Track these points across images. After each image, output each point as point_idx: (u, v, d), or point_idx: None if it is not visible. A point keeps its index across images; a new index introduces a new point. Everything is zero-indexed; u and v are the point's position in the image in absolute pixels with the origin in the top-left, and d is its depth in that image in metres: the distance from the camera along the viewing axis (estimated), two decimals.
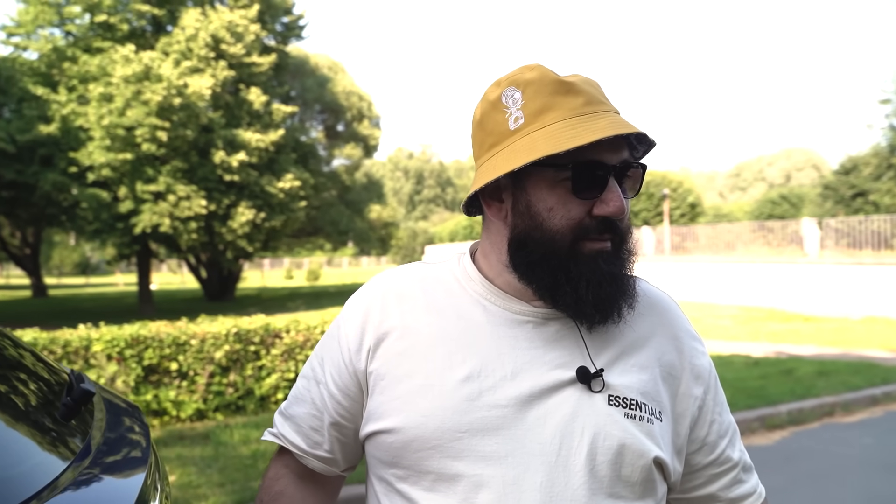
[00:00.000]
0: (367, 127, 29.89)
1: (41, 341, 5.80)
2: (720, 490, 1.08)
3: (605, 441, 0.94)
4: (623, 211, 0.96)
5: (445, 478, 0.95)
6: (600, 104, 0.97)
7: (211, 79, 19.02)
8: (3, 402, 1.22)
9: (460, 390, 0.96)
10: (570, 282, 0.95)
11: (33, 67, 20.28)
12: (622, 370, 0.99)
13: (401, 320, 1.03)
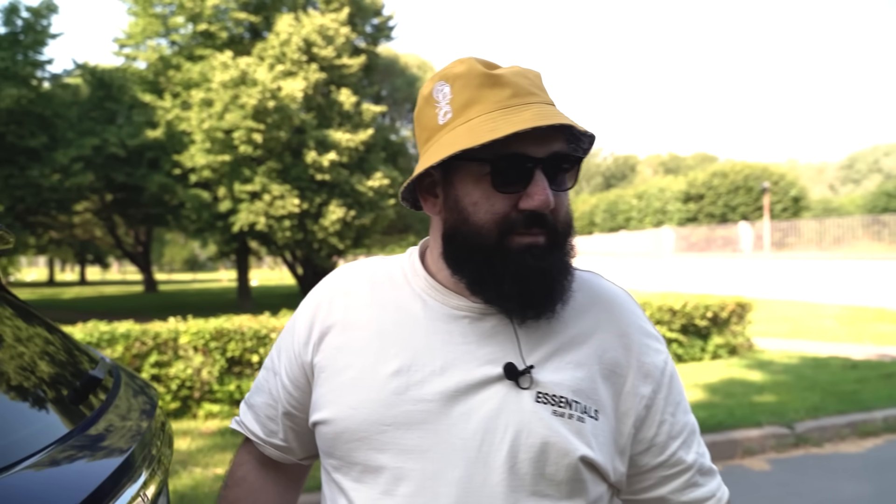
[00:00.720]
0: None
1: (134, 333, 6.18)
2: (672, 493, 1.04)
3: (527, 438, 0.93)
4: (548, 204, 0.93)
5: (370, 469, 0.96)
6: (529, 95, 0.95)
7: (303, 81, 19.65)
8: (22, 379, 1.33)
9: (389, 384, 0.97)
10: (494, 276, 0.94)
11: (142, 76, 21.60)
12: (555, 367, 0.97)
13: (343, 315, 1.05)
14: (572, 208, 1.03)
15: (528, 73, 0.99)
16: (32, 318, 1.79)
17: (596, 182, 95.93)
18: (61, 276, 57.11)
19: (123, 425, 1.39)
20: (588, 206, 39.62)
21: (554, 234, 0.96)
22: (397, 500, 0.94)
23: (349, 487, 0.98)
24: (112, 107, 21.24)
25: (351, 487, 0.98)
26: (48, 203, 19.53)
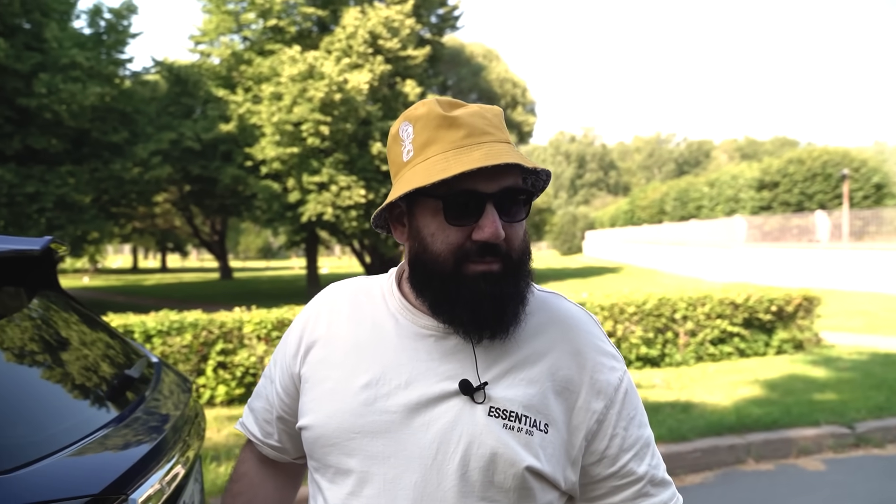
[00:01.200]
0: (521, 113, 29.92)
1: (201, 322, 6.52)
2: (622, 502, 1.11)
3: (478, 449, 1.02)
4: (497, 236, 1.01)
5: (341, 471, 1.08)
6: (482, 135, 1.03)
7: (369, 74, 19.95)
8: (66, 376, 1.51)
9: (359, 395, 1.08)
10: (449, 301, 1.04)
11: (216, 71, 22.37)
12: (508, 384, 1.06)
13: (326, 331, 1.17)
14: (528, 238, 1.12)
15: (486, 113, 1.07)
16: (86, 319, 1.98)
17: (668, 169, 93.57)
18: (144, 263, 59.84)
19: (156, 417, 1.55)
20: (658, 193, 38.78)
21: (508, 261, 1.04)
22: (362, 500, 1.05)
23: (325, 487, 1.11)
24: (188, 102, 22.10)
25: (326, 487, 1.11)
26: (130, 195, 20.52)
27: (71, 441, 1.23)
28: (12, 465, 1.06)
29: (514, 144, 1.10)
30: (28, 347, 1.55)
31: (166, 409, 1.64)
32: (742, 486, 4.62)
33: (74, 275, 39.42)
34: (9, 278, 1.75)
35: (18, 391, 1.34)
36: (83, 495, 1.10)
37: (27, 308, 1.76)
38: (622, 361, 1.17)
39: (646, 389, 6.62)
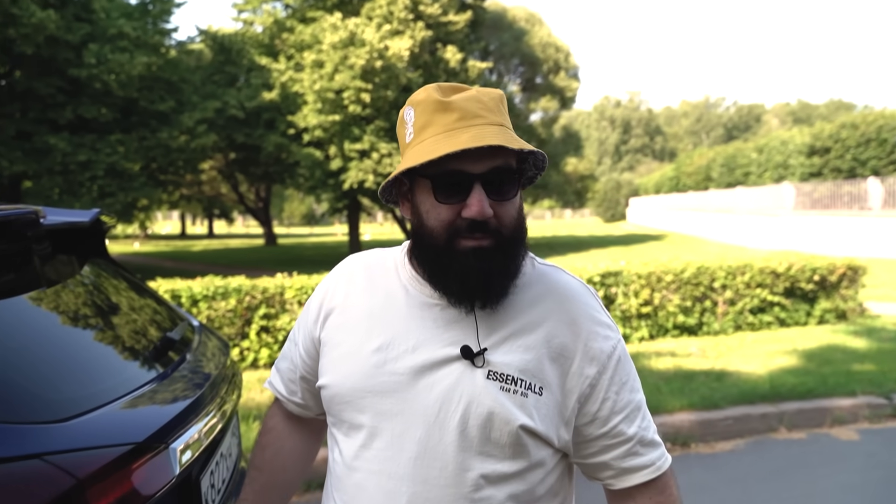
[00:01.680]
0: (564, 78, 29.49)
1: (245, 287, 6.74)
2: (612, 460, 1.20)
3: (477, 408, 1.11)
4: (482, 214, 1.08)
5: (354, 426, 1.19)
6: (474, 118, 1.10)
7: (409, 40, 19.88)
8: (115, 337, 1.65)
9: (371, 358, 1.18)
10: (441, 273, 1.14)
11: (259, 40, 22.56)
12: (507, 350, 1.15)
13: (343, 299, 1.28)
14: (523, 213, 1.19)
15: (483, 97, 1.14)
16: (133, 285, 2.12)
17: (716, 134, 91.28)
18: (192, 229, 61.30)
19: (195, 375, 1.69)
20: (704, 160, 37.97)
21: (499, 238, 1.11)
22: (372, 452, 1.16)
23: (340, 439, 1.23)
24: (232, 70, 22.37)
25: (341, 440, 1.22)
26: (177, 162, 20.97)
27: (118, 396, 1.36)
28: (65, 416, 1.19)
29: (511, 126, 1.16)
30: (80, 311, 1.70)
31: (205, 369, 1.78)
32: (773, 453, 4.65)
33: (125, 240, 40.62)
34: (62, 248, 1.89)
35: (71, 351, 1.48)
36: (127, 443, 1.23)
37: (79, 275, 1.90)
38: (617, 331, 1.24)
39: (681, 358, 6.64)
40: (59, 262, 1.90)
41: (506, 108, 1.18)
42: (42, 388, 1.24)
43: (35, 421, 1.14)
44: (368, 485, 1.16)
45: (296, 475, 1.44)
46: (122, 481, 1.18)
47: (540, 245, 29.37)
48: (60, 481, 1.08)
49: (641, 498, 1.20)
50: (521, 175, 1.17)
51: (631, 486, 1.20)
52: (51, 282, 1.72)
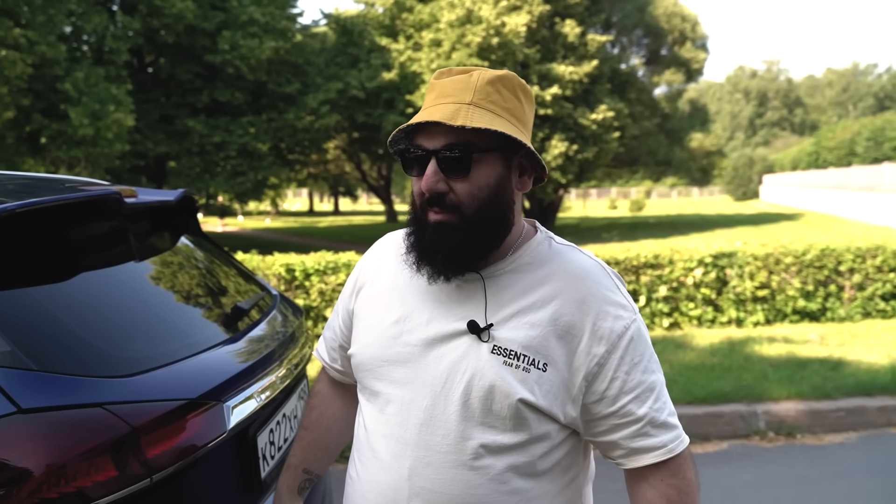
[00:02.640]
0: (690, 49, 28.12)
1: (354, 262, 7.03)
2: (622, 439, 1.20)
3: (479, 381, 1.17)
4: (428, 188, 1.15)
5: (374, 393, 1.28)
6: (445, 97, 1.16)
7: (527, 15, 19.69)
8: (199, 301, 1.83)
9: (389, 330, 1.26)
10: (410, 238, 1.23)
11: (379, 20, 23.08)
12: (513, 326, 1.18)
13: (374, 275, 1.37)
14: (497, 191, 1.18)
15: (472, 78, 1.17)
16: (221, 258, 2.31)
17: (865, 105, 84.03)
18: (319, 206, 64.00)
19: (260, 341, 1.84)
20: (848, 133, 35.21)
21: (459, 214, 1.16)
22: (385, 417, 1.24)
23: (363, 405, 1.32)
24: (353, 52, 23.05)
25: (364, 405, 1.32)
26: (302, 142, 21.97)
27: (182, 356, 1.52)
28: (130, 372, 1.36)
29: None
30: (163, 282, 1.89)
31: (273, 335, 1.93)
32: (888, 448, 4.36)
33: (258, 216, 43.08)
34: (161, 225, 2.10)
35: (147, 316, 1.66)
36: (181, 398, 1.38)
37: (172, 250, 2.10)
38: (633, 311, 1.24)
39: (797, 345, 6.30)
40: (157, 238, 2.10)
41: (510, 89, 1.19)
42: (114, 348, 1.41)
43: (102, 375, 1.30)
44: (379, 447, 1.24)
45: (340, 437, 1.55)
46: (174, 432, 1.33)
47: (662, 224, 28.47)
48: (117, 427, 1.24)
49: (653, 479, 1.21)
50: (510, 153, 1.19)
51: (642, 466, 1.21)
52: (144, 255, 1.92)
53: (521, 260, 1.24)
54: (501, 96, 1.18)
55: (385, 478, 1.22)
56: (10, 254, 1.42)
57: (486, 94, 1.16)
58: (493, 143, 1.16)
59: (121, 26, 17.59)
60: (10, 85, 13.43)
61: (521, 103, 1.21)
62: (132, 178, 19.55)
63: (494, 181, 1.18)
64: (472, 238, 1.17)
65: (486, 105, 1.16)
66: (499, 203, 1.19)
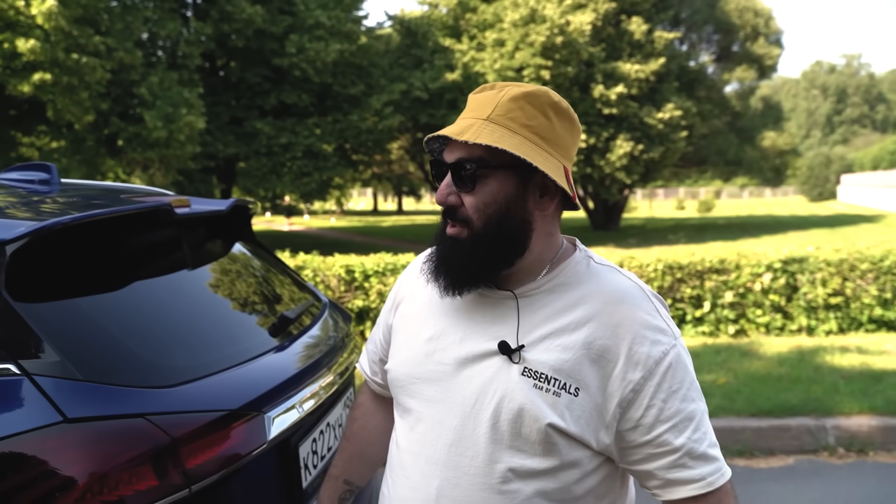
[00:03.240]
0: (763, 45, 27.16)
1: None
2: (658, 469, 1.15)
3: (509, 403, 1.14)
4: (440, 200, 1.17)
5: (406, 410, 1.27)
6: (469, 112, 1.18)
7: (592, 13, 19.43)
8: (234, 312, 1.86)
9: (423, 347, 1.25)
10: (434, 256, 1.23)
11: (443, 21, 23.16)
12: (545, 349, 1.15)
13: (412, 290, 1.36)
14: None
15: (497, 95, 1.16)
16: (274, 265, 2.35)
17: None
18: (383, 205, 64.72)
19: (305, 350, 1.86)
20: None
21: (468, 227, 1.17)
22: (416, 435, 1.23)
23: (397, 421, 1.31)
24: (417, 53, 23.19)
25: (397, 422, 1.31)
26: (366, 143, 22.25)
27: (226, 366, 1.55)
28: (172, 382, 1.39)
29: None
30: (212, 289, 1.93)
31: (319, 344, 1.95)
32: None
33: (323, 216, 43.85)
34: (211, 233, 2.15)
35: (193, 325, 1.70)
36: (222, 409, 1.40)
37: (226, 257, 2.15)
38: (673, 336, 1.18)
39: (872, 356, 6.00)
40: (211, 246, 2.15)
41: (536, 107, 1.15)
42: (160, 357, 1.45)
43: (146, 385, 1.34)
44: (409, 465, 1.23)
45: (381, 449, 1.54)
46: (213, 443, 1.35)
47: (732, 225, 27.63)
48: (157, 437, 1.27)
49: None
50: (527, 171, 1.14)
51: (678, 498, 1.16)
52: (198, 264, 1.96)
53: (557, 280, 1.21)
54: (524, 113, 1.15)
55: (413, 497, 1.21)
56: (61, 265, 1.47)
57: (506, 111, 1.14)
58: (506, 161, 1.13)
59: (193, 31, 18.18)
60: (90, 90, 14.06)
61: (551, 121, 1.17)
62: (203, 179, 20.22)
63: (502, 198, 1.16)
64: (477, 253, 1.16)
65: (503, 121, 1.14)
66: (507, 221, 1.16)
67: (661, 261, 7.13)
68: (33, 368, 1.26)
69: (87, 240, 1.54)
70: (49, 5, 12.38)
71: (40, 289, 1.40)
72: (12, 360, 1.26)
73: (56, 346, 1.29)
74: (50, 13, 12.44)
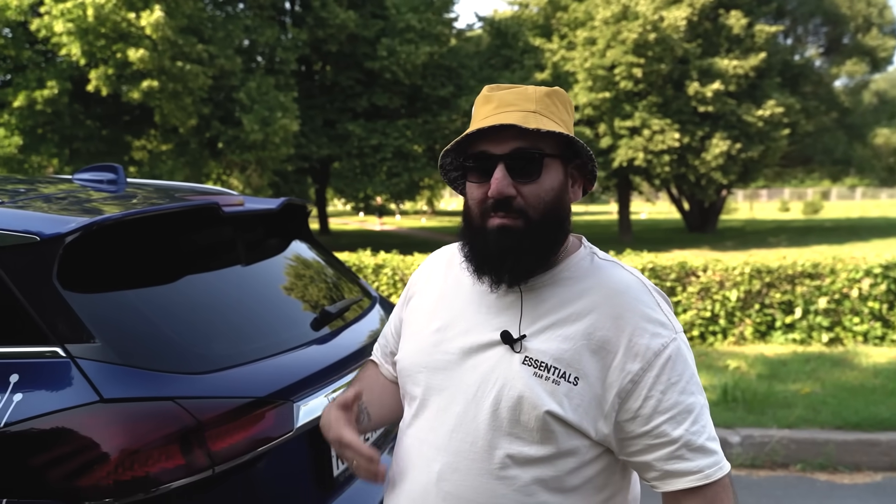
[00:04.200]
0: (876, 37, 25.45)
1: None
2: (656, 461, 1.16)
3: (509, 391, 1.17)
4: (499, 193, 1.16)
5: (412, 397, 1.31)
6: (507, 106, 1.18)
7: (687, 9, 18.83)
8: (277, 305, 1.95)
9: (430, 338, 1.30)
10: (471, 249, 1.23)
11: (533, 21, 23.04)
12: (546, 339, 1.19)
13: (423, 285, 1.41)
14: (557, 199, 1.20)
15: (529, 91, 1.21)
16: (327, 261, 2.44)
17: None
18: None
19: (344, 343, 1.93)
20: None
21: (526, 218, 1.17)
22: (420, 421, 1.28)
23: (405, 410, 1.36)
24: (507, 53, 23.16)
25: (405, 410, 1.36)
26: None
27: (264, 356, 1.63)
28: (206, 369, 1.48)
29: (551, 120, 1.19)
30: (261, 285, 2.03)
31: (358, 338, 2.01)
32: None
33: (414, 216, 44.51)
34: (269, 231, 2.25)
35: (237, 316, 1.79)
36: (251, 396, 1.48)
37: (281, 255, 2.25)
38: (674, 330, 1.20)
39: None
40: (268, 243, 2.26)
41: (562, 103, 1.23)
42: (197, 346, 1.54)
43: (177, 371, 1.43)
44: (412, 450, 1.28)
45: (388, 400, 1.49)
46: (240, 427, 1.43)
47: (840, 228, 26.11)
48: (185, 420, 1.36)
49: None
50: (567, 161, 1.21)
51: (676, 490, 1.16)
52: (252, 260, 2.07)
53: (562, 274, 1.24)
54: (558, 108, 1.22)
55: (416, 479, 1.26)
56: (110, 258, 1.59)
57: (545, 105, 1.21)
58: (557, 150, 1.20)
59: (290, 38, 18.87)
60: (193, 96, 14.86)
61: (571, 116, 1.26)
62: (298, 180, 20.94)
63: (559, 186, 1.21)
64: (537, 242, 1.19)
65: (546, 114, 1.20)
66: (561, 208, 1.22)
67: (749, 264, 6.84)
68: (77, 352, 1.38)
69: (136, 235, 1.66)
70: (157, 17, 13.18)
71: (88, 280, 1.52)
72: (59, 345, 1.39)
73: (99, 333, 1.41)
74: (158, 24, 13.23)
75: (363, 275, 7.46)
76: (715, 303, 6.80)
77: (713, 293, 6.82)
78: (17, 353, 1.40)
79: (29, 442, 1.33)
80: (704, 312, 6.81)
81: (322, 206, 26.16)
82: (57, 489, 1.31)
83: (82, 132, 15.81)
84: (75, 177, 2.23)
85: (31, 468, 1.32)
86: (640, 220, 34.07)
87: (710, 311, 6.81)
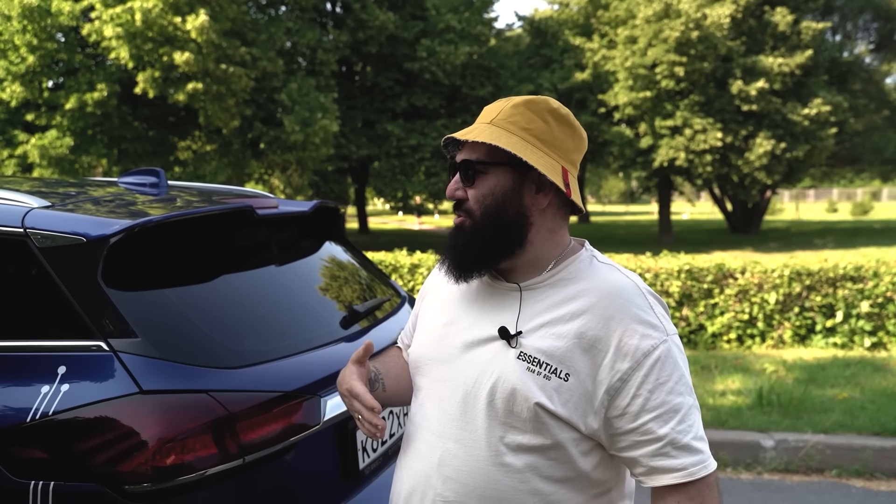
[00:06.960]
0: None
1: None
2: (642, 457, 1.23)
3: (503, 384, 1.26)
4: (448, 195, 1.31)
5: (419, 388, 1.40)
6: (481, 117, 1.32)
7: (731, 6, 18.53)
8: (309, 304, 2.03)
9: (438, 332, 1.39)
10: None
11: (573, 19, 22.92)
12: (540, 336, 1.26)
13: (437, 284, 1.49)
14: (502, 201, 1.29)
15: (500, 104, 1.31)
16: (360, 262, 2.52)
17: None
18: None
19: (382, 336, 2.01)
20: None
21: (471, 218, 1.30)
22: (425, 411, 1.36)
23: (413, 400, 1.44)
24: (547, 53, 23.11)
25: (413, 400, 1.44)
26: None
27: (293, 352, 1.72)
28: (238, 364, 1.57)
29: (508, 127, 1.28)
30: (292, 284, 2.11)
31: (386, 336, 2.08)
32: None
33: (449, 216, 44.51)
34: (303, 232, 2.34)
35: (268, 315, 1.88)
36: (280, 390, 1.56)
37: (314, 255, 2.33)
38: (666, 332, 1.25)
39: None
40: (301, 244, 2.35)
41: (536, 112, 1.29)
42: (230, 342, 1.63)
43: (212, 365, 1.52)
44: (418, 438, 1.36)
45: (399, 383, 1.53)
46: (269, 419, 1.51)
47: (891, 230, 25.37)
48: (217, 411, 1.45)
49: (671, 500, 1.22)
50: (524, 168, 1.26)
51: (661, 486, 1.22)
52: (285, 261, 2.15)
53: (560, 275, 1.31)
54: (523, 117, 1.28)
55: (419, 465, 1.34)
56: (151, 258, 1.69)
57: (507, 116, 1.29)
58: (504, 159, 1.26)
59: (331, 39, 19.13)
60: (236, 97, 15.19)
61: (549, 125, 1.29)
62: (337, 179, 21.19)
63: (499, 192, 1.29)
64: (476, 240, 1.29)
65: (503, 125, 1.28)
66: (503, 212, 1.28)
67: (789, 266, 6.74)
68: (119, 346, 1.48)
69: (175, 236, 1.76)
70: (202, 20, 13.50)
71: (130, 279, 1.62)
72: (103, 339, 1.49)
73: (139, 329, 1.50)
74: (202, 28, 13.56)
75: (399, 274, 7.56)
76: (753, 305, 6.71)
77: (751, 295, 6.73)
78: (64, 347, 1.51)
79: (74, 429, 1.44)
80: (742, 315, 6.73)
81: (361, 206, 26.43)
82: (99, 473, 1.40)
83: (130, 133, 16.27)
84: (120, 180, 2.35)
85: (76, 454, 1.42)
86: (681, 221, 33.60)
87: (748, 314, 6.73)
